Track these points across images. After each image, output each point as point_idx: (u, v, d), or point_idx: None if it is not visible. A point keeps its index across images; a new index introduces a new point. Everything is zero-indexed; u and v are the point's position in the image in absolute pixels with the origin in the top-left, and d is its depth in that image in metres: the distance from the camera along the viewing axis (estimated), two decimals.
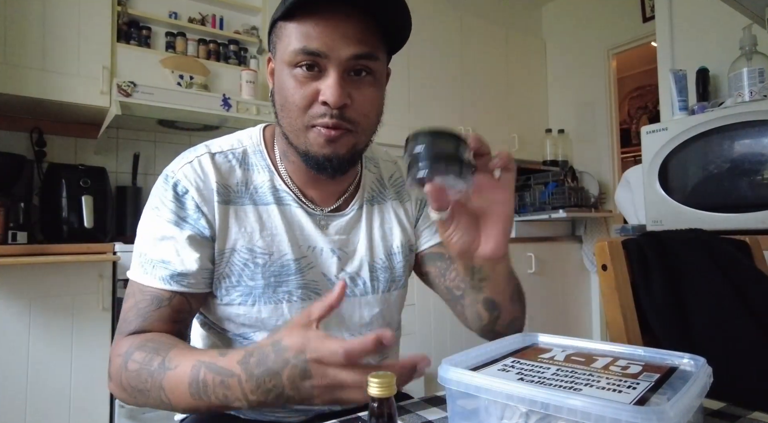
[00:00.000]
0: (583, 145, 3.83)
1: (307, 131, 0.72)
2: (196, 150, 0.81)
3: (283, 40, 0.72)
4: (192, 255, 0.73)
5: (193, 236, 0.74)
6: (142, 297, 0.73)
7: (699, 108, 2.18)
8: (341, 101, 0.69)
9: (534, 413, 0.43)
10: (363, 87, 0.72)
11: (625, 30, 3.54)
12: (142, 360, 0.64)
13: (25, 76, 2.01)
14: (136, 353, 0.66)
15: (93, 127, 2.39)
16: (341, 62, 0.69)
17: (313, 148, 0.72)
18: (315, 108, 0.71)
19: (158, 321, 0.71)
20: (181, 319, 0.74)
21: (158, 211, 0.75)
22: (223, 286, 0.77)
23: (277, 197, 0.80)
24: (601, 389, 0.44)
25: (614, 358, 0.53)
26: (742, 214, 1.86)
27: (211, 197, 0.76)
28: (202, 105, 2.28)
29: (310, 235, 0.81)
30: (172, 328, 0.73)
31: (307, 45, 0.68)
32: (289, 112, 0.72)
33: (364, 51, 0.70)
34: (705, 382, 0.45)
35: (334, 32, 0.68)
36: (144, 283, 0.73)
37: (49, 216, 2.14)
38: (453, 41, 3.43)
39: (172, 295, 0.72)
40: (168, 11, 2.52)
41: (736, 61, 2.13)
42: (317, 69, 0.70)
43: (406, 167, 0.57)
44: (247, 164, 0.81)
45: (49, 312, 1.77)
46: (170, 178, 0.77)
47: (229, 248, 0.76)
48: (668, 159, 2.09)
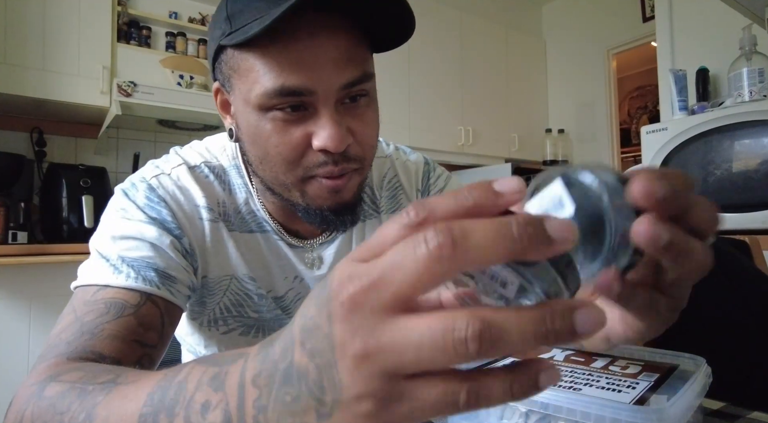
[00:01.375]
0: (584, 145, 3.83)
1: (304, 184, 0.57)
2: (167, 160, 0.67)
3: (243, 75, 0.54)
4: (176, 260, 0.60)
5: (175, 243, 0.60)
6: (91, 309, 0.52)
7: (699, 108, 2.19)
8: (344, 144, 0.54)
9: (533, 413, 0.42)
10: (361, 113, 0.58)
11: (625, 30, 3.54)
12: (71, 381, 0.41)
13: (25, 76, 2.01)
14: (64, 376, 0.43)
15: (93, 127, 2.39)
16: (332, 94, 0.54)
17: (315, 202, 0.58)
18: (310, 157, 0.55)
19: (115, 340, 0.50)
20: (146, 342, 0.53)
21: (125, 212, 0.61)
22: (213, 317, 0.67)
23: (258, 225, 0.68)
24: (601, 389, 0.43)
25: (613, 358, 0.53)
26: (741, 213, 1.86)
27: (195, 214, 0.63)
28: (202, 105, 2.27)
29: (296, 267, 0.70)
30: (132, 353, 0.51)
31: (284, 83, 0.51)
32: (274, 165, 0.56)
33: (357, 76, 0.54)
34: (704, 382, 0.45)
35: (316, 59, 0.52)
36: (99, 283, 0.55)
37: (49, 216, 2.14)
38: (453, 41, 3.43)
39: (141, 298, 0.54)
40: (168, 11, 2.51)
41: (736, 61, 2.13)
42: (302, 108, 0.54)
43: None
44: (224, 183, 0.67)
45: (49, 312, 1.77)
46: (139, 185, 0.63)
47: (225, 275, 0.66)
48: (668, 159, 2.09)
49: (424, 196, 0.81)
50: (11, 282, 1.71)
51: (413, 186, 0.80)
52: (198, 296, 0.67)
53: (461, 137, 3.38)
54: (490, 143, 3.58)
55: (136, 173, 0.66)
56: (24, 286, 1.73)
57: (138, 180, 0.63)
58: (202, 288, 0.66)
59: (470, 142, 3.42)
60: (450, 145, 3.33)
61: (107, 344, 0.49)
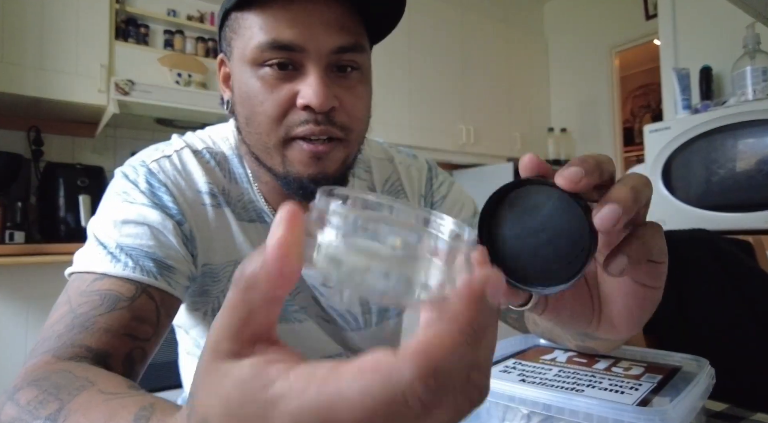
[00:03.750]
0: (586, 144, 3.81)
1: (285, 147, 0.58)
2: (170, 144, 0.67)
3: (241, 34, 0.57)
4: (176, 247, 0.59)
5: (177, 229, 0.59)
6: (86, 300, 0.52)
7: (702, 107, 2.17)
8: (328, 103, 0.55)
9: (536, 415, 0.42)
10: (351, 85, 0.59)
11: (628, 28, 3.53)
12: (25, 405, 0.40)
13: (22, 75, 2.00)
14: (24, 391, 0.42)
15: (91, 126, 2.39)
16: (323, 56, 0.55)
17: (295, 167, 0.58)
18: (293, 115, 0.56)
19: (106, 333, 0.50)
20: (138, 336, 0.52)
21: (127, 195, 0.60)
22: (216, 306, 0.65)
23: (257, 215, 0.67)
24: (604, 390, 0.43)
25: (616, 360, 0.52)
26: (745, 213, 1.84)
27: (197, 200, 0.63)
28: (200, 103, 2.27)
29: None
30: (122, 346, 0.51)
31: (277, 37, 0.54)
32: (259, 125, 0.57)
33: (349, 42, 0.56)
34: (707, 384, 0.45)
35: (310, 19, 0.54)
36: (97, 271, 0.54)
37: (46, 215, 2.13)
38: (454, 39, 3.42)
39: (137, 291, 0.54)
40: (166, 9, 2.51)
41: (740, 59, 2.11)
42: (291, 67, 0.56)
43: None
44: (225, 170, 0.67)
45: (47, 312, 1.74)
46: (139, 168, 0.62)
47: (230, 261, 0.65)
48: (671, 158, 2.08)
49: (426, 201, 0.81)
50: (8, 282, 1.71)
51: (416, 191, 0.80)
52: (199, 285, 0.65)
53: (462, 136, 3.37)
54: (491, 142, 3.57)
55: (135, 156, 0.65)
56: (21, 286, 1.73)
57: (138, 164, 0.63)
58: (203, 276, 0.65)
59: (472, 141, 3.41)
60: (451, 143, 3.32)
61: (97, 338, 0.49)
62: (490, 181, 3.38)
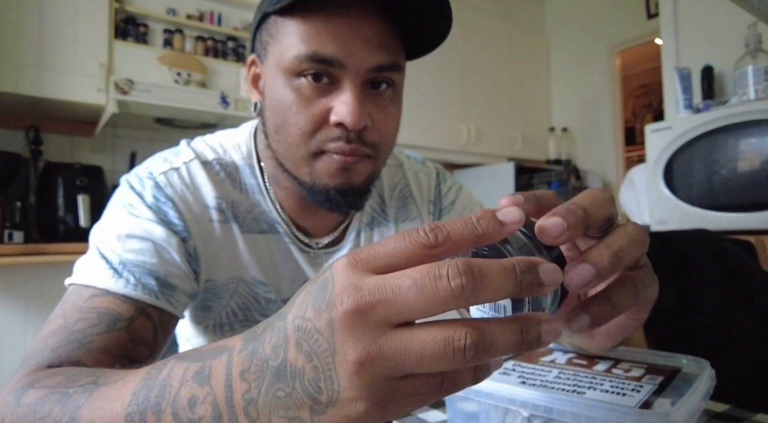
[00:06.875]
0: (587, 143, 3.81)
1: (314, 159, 0.58)
2: (179, 154, 0.65)
3: (279, 40, 0.57)
4: (179, 265, 0.58)
5: (181, 246, 0.59)
6: (82, 317, 0.50)
7: (704, 106, 2.16)
8: (362, 122, 0.55)
9: (536, 417, 0.42)
10: (384, 104, 0.59)
11: (630, 27, 3.52)
12: (51, 386, 0.40)
13: (21, 74, 1.99)
14: (43, 381, 0.42)
15: (90, 126, 2.38)
16: (360, 73, 0.55)
17: (323, 179, 0.58)
18: (325, 131, 0.57)
19: (102, 353, 0.48)
20: (135, 358, 0.51)
21: (132, 208, 0.59)
22: (219, 322, 0.65)
23: (269, 226, 0.67)
24: (605, 392, 0.42)
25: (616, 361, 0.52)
26: (747, 213, 1.84)
27: (204, 215, 0.62)
28: (199, 103, 2.26)
29: (306, 273, 0.69)
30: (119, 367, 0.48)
31: (317, 49, 0.53)
32: (289, 136, 0.57)
33: (387, 61, 0.56)
34: (709, 385, 0.44)
35: (352, 35, 0.54)
36: (97, 287, 0.53)
37: (45, 215, 2.13)
38: (454, 37, 3.40)
39: (135, 311, 0.53)
40: (166, 8, 2.50)
41: (741, 59, 2.11)
42: (327, 80, 0.56)
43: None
44: (236, 182, 0.66)
45: (45, 312, 1.75)
46: (146, 181, 0.61)
47: (234, 277, 0.65)
48: (673, 158, 2.07)
49: (435, 207, 0.82)
50: (7, 282, 1.70)
51: (425, 197, 0.81)
52: (201, 301, 0.65)
53: (463, 135, 3.36)
54: (492, 142, 3.56)
55: (143, 165, 0.64)
56: (20, 286, 1.72)
57: (145, 175, 0.62)
58: (206, 292, 0.64)
59: (473, 140, 3.41)
60: (452, 143, 3.31)
61: (94, 357, 0.48)
62: (491, 180, 3.38)
